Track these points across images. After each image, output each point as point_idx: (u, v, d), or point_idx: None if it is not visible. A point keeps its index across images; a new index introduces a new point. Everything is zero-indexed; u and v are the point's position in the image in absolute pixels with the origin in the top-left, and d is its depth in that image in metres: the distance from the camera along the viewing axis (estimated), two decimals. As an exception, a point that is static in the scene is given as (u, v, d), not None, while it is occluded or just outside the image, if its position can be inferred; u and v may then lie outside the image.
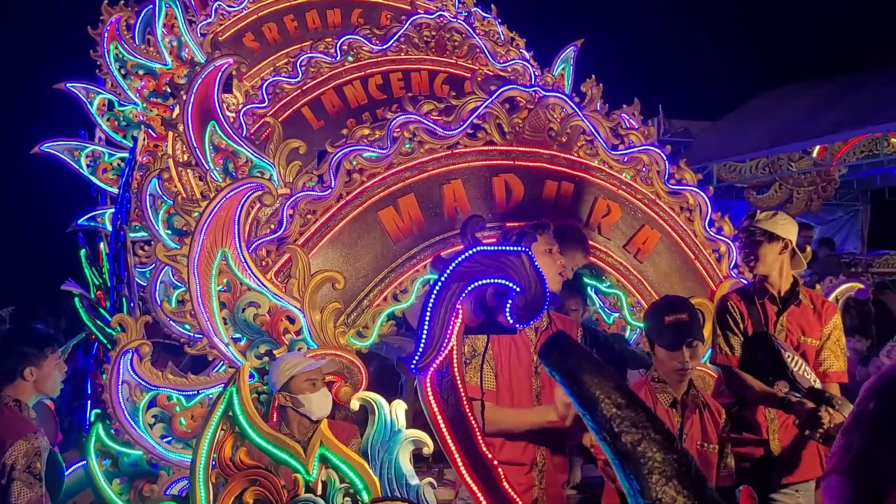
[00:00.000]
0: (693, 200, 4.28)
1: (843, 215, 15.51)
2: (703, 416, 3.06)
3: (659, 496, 0.81)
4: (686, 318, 2.96)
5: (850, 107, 11.07)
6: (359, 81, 5.73)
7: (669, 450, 0.82)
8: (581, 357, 0.86)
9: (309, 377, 3.19)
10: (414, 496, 2.12)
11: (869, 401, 1.90)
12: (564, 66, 6.46)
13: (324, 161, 3.93)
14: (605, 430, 0.83)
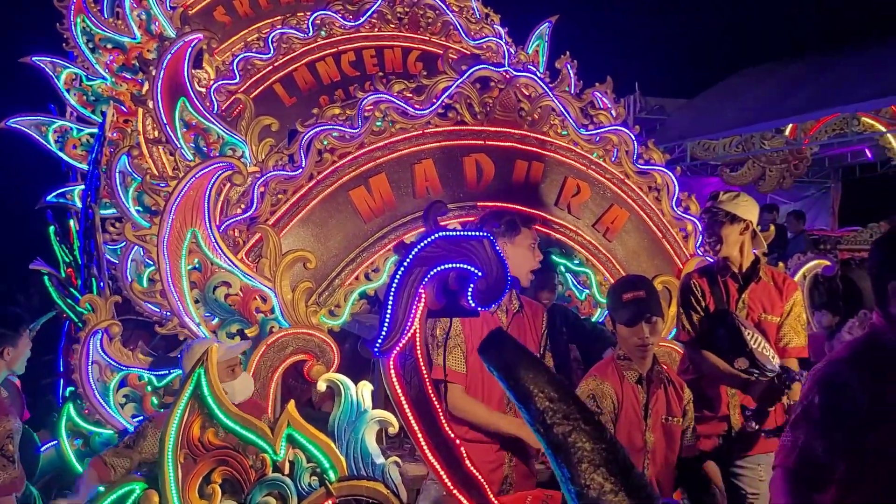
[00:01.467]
0: (661, 180, 4.33)
1: (814, 193, 15.73)
2: (668, 391, 3.14)
3: (587, 483, 0.85)
4: (643, 295, 3.03)
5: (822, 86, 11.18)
6: (332, 58, 5.68)
7: (598, 439, 0.86)
8: (517, 353, 0.90)
9: (228, 364, 3.20)
10: (379, 474, 2.17)
11: (814, 395, 1.96)
12: (539, 43, 6.45)
13: (294, 140, 3.92)
14: (538, 423, 0.87)
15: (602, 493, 0.85)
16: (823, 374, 2.00)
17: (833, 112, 11.16)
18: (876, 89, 10.05)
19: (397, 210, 3.92)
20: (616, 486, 0.85)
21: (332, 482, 2.15)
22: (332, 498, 2.14)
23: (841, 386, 1.94)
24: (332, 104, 4.25)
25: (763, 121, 11.76)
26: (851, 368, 1.97)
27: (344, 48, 5.70)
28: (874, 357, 1.98)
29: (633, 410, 3.02)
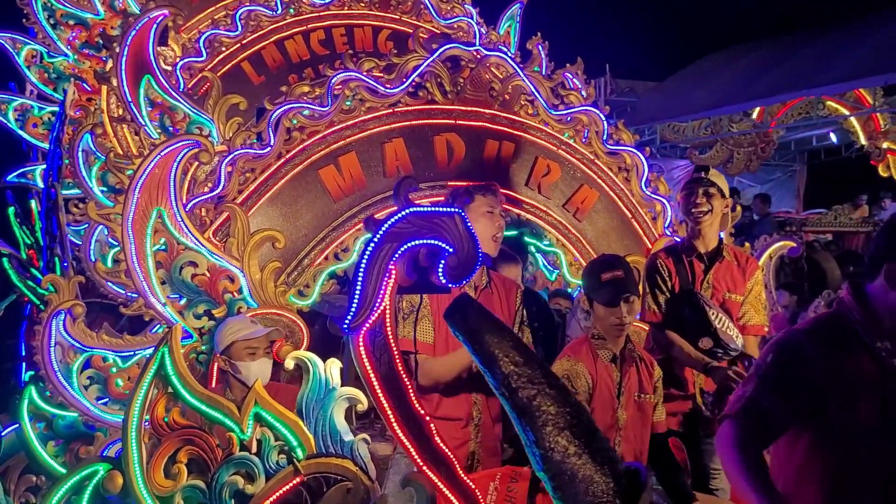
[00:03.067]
0: (630, 161, 4.35)
1: (780, 176, 15.97)
2: (640, 369, 3.17)
3: (552, 445, 0.86)
4: (622, 275, 3.04)
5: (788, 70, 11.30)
6: (300, 36, 5.61)
7: (563, 403, 0.86)
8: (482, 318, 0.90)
9: (249, 345, 3.17)
10: (348, 452, 2.16)
11: (768, 353, 2.02)
12: (510, 24, 6.42)
13: (263, 118, 3.87)
14: (503, 386, 0.87)
15: (566, 455, 0.85)
16: (781, 338, 2.06)
17: (799, 96, 11.31)
18: (840, 73, 10.19)
19: (367, 189, 3.89)
20: (580, 448, 0.85)
21: (300, 460, 2.13)
22: (301, 476, 2.13)
23: (795, 350, 2.00)
24: (301, 82, 4.19)
25: (731, 104, 11.88)
26: (809, 338, 2.02)
27: (313, 26, 5.63)
28: (836, 332, 2.02)
29: (607, 389, 3.05)
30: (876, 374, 1.96)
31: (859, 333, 1.99)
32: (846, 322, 2.02)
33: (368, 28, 5.77)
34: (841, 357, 1.97)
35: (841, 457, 1.96)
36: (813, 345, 1.99)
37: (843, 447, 1.96)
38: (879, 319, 1.98)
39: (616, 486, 0.86)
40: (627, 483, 0.87)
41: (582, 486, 0.85)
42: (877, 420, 1.94)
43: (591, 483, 0.85)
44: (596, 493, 0.85)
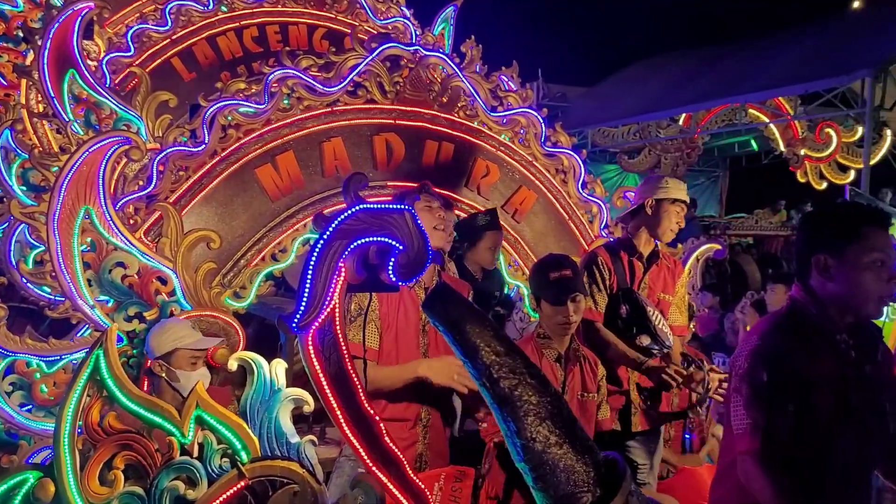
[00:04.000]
0: (568, 163, 4.41)
1: (704, 181, 16.53)
2: (583, 368, 3.19)
3: (533, 435, 0.85)
4: (570, 274, 3.06)
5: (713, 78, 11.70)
6: (233, 33, 5.49)
7: (544, 393, 0.86)
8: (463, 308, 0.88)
9: (194, 354, 3.07)
10: (294, 454, 2.10)
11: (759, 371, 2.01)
12: (445, 26, 6.42)
13: (197, 115, 3.75)
14: (484, 377, 0.85)
15: (547, 445, 0.84)
16: (762, 350, 2.06)
17: (722, 103, 11.71)
18: (761, 82, 10.60)
19: (305, 189, 3.83)
20: (561, 438, 0.84)
21: (244, 463, 2.06)
22: (245, 479, 2.06)
23: (782, 359, 2.01)
24: (236, 79, 4.08)
25: (658, 110, 12.21)
26: (784, 339, 2.05)
27: (246, 23, 5.52)
28: (798, 327, 2.07)
29: None
30: (836, 367, 2.02)
31: (817, 326, 2.05)
32: (804, 319, 2.08)
33: (303, 26, 5.70)
34: (805, 351, 2.03)
35: (803, 449, 2.00)
36: (789, 345, 2.02)
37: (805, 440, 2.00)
38: (830, 312, 2.05)
39: (596, 475, 0.85)
40: (607, 471, 0.86)
41: (563, 476, 0.84)
42: (838, 412, 1.99)
43: (573, 472, 0.84)
44: (577, 482, 0.84)
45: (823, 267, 2.05)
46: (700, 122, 12.77)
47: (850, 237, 2.02)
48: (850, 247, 2.01)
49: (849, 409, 2.00)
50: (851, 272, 2.01)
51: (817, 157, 12.42)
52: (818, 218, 2.20)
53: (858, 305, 2.04)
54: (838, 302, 2.05)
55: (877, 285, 2.00)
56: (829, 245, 2.06)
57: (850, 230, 2.03)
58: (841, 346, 2.03)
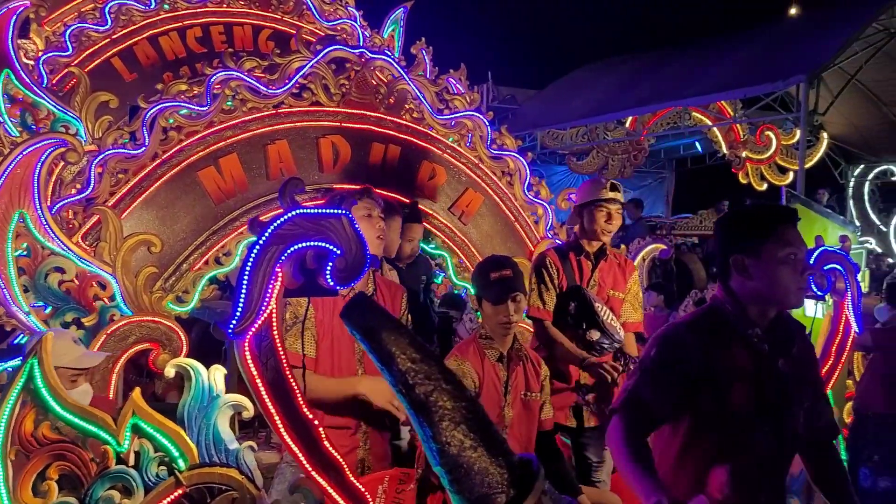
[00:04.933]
0: (513, 165, 4.46)
1: (651, 182, 16.85)
2: (526, 368, 3.22)
3: (448, 440, 0.87)
4: (510, 274, 3.10)
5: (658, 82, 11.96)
6: (176, 33, 5.40)
7: (459, 398, 0.88)
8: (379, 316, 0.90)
9: (74, 372, 2.94)
10: (234, 460, 2.09)
11: (651, 348, 2.13)
12: (394, 28, 6.43)
13: (136, 117, 3.70)
14: (401, 383, 0.87)
15: (462, 448, 0.87)
16: (663, 333, 2.17)
17: (667, 106, 11.97)
18: (703, 86, 10.87)
19: (250, 191, 3.80)
20: (475, 442, 0.87)
21: (181, 471, 2.05)
22: (182, 487, 2.04)
23: (676, 343, 2.12)
24: (177, 80, 4.03)
25: (605, 112, 12.42)
26: (689, 331, 2.14)
27: (190, 23, 5.44)
28: (712, 324, 2.16)
29: (494, 388, 3.09)
30: (749, 360, 2.11)
31: (733, 324, 2.14)
32: (721, 315, 2.17)
33: (248, 27, 5.64)
34: (718, 347, 2.11)
35: (717, 442, 2.09)
36: (693, 337, 2.12)
37: (719, 432, 2.09)
38: (747, 309, 2.14)
39: (510, 477, 0.88)
40: (521, 473, 0.89)
41: (478, 479, 0.86)
42: (751, 404, 2.08)
43: (487, 475, 0.86)
44: (491, 483, 0.86)
45: (742, 267, 2.13)
46: (646, 125, 13.02)
47: (764, 236, 2.11)
48: (765, 245, 2.09)
49: (764, 401, 2.09)
50: (769, 268, 2.09)
51: (758, 158, 12.77)
52: (732, 221, 2.29)
53: (780, 299, 2.13)
54: (760, 298, 2.13)
55: (793, 278, 2.09)
56: (744, 245, 2.14)
57: (763, 229, 2.12)
58: (753, 341, 2.13)
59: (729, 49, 11.67)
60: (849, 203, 16.64)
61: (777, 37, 11.81)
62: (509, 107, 14.28)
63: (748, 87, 10.31)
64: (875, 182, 16.92)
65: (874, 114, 14.99)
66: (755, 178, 13.03)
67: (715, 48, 12.12)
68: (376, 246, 3.18)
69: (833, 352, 3.48)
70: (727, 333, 2.14)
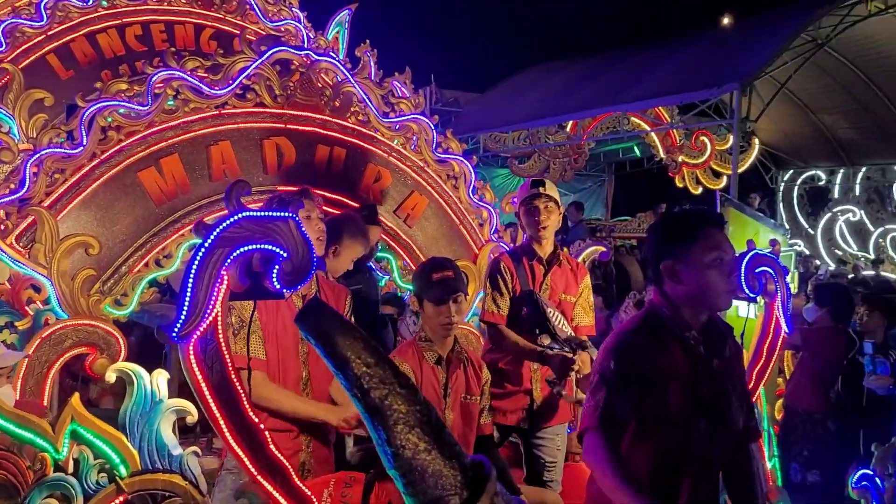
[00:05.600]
0: (458, 169, 4.49)
1: (592, 185, 17.16)
2: (467, 371, 3.24)
3: (403, 443, 0.89)
4: (451, 275, 3.12)
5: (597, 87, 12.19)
6: (115, 30, 5.27)
7: (413, 402, 0.90)
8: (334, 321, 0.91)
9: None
10: (177, 466, 2.07)
11: (609, 360, 2.16)
12: (339, 30, 6.40)
13: (74, 116, 3.60)
14: (355, 387, 0.89)
15: (416, 451, 0.89)
16: (615, 343, 2.21)
17: (607, 111, 12.20)
18: (642, 92, 11.13)
19: (192, 193, 3.74)
20: (429, 444, 0.89)
21: (123, 478, 2.01)
22: (124, 494, 2.01)
23: (630, 352, 2.16)
24: (117, 79, 3.94)
25: (546, 116, 12.60)
26: (637, 336, 2.19)
27: (129, 20, 5.31)
28: (653, 328, 2.21)
29: (433, 390, 3.10)
30: (686, 362, 2.18)
31: (669, 327, 2.20)
32: (658, 318, 2.23)
33: (190, 26, 5.54)
34: (658, 350, 2.17)
35: (658, 443, 2.15)
36: (640, 342, 2.17)
37: (660, 434, 2.14)
38: (682, 312, 2.21)
39: (463, 478, 0.90)
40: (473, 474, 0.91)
41: (431, 481, 0.88)
42: (689, 405, 2.15)
43: (441, 477, 0.88)
44: (445, 486, 0.88)
45: (672, 272, 2.20)
46: (586, 129, 13.25)
47: (690, 241, 2.17)
48: (692, 249, 2.16)
49: (700, 401, 2.16)
50: (696, 273, 2.16)
51: (694, 163, 13.12)
52: (660, 227, 2.36)
53: (709, 302, 2.21)
54: (691, 301, 2.21)
55: (721, 280, 2.16)
56: (673, 251, 2.21)
57: (689, 234, 2.19)
58: (690, 343, 2.20)
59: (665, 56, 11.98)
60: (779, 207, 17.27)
61: (711, 45, 12.17)
62: (452, 110, 14.35)
63: (684, 94, 10.60)
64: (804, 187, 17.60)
65: (803, 121, 15.60)
66: (691, 181, 13.38)
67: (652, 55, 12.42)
68: (316, 247, 3.19)
69: (764, 352, 3.60)
70: (665, 336, 2.20)
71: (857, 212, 16.69)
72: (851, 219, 16.77)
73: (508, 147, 13.88)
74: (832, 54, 13.08)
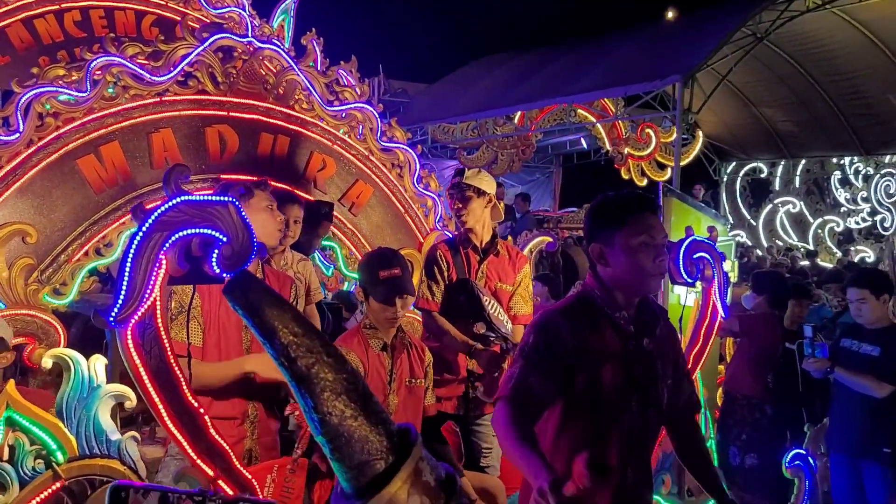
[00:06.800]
0: (403, 157, 4.52)
1: (539, 177, 17.33)
2: (411, 356, 3.29)
3: (329, 410, 0.92)
4: (399, 273, 3.13)
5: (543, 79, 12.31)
6: (53, 16, 5.16)
7: (340, 370, 0.93)
8: (261, 292, 0.94)
9: None
10: (115, 451, 2.06)
11: (529, 335, 2.22)
12: (284, 18, 6.34)
13: (9, 102, 3.52)
14: (283, 356, 0.92)
15: (343, 418, 0.92)
16: (538, 320, 2.27)
17: (553, 103, 12.34)
18: (587, 84, 11.29)
19: (133, 181, 3.70)
20: (356, 411, 0.92)
21: (59, 464, 2.00)
22: (61, 480, 2.00)
23: (552, 329, 2.20)
24: (55, 65, 3.85)
25: (493, 108, 12.68)
26: (562, 316, 2.24)
27: (68, 6, 5.21)
28: (582, 309, 2.27)
29: (379, 376, 3.14)
30: (617, 342, 2.24)
31: (601, 308, 2.26)
32: (590, 300, 2.29)
33: (131, 12, 5.45)
34: (589, 331, 2.23)
35: (590, 420, 2.21)
36: (566, 322, 2.21)
37: (591, 412, 2.20)
38: (614, 294, 2.26)
39: (389, 444, 0.93)
40: (399, 440, 0.95)
41: (358, 446, 0.91)
42: (620, 383, 2.21)
43: (367, 442, 0.92)
44: (371, 451, 0.92)
45: (600, 255, 2.25)
46: (534, 121, 13.37)
47: (615, 225, 2.20)
48: (617, 234, 2.20)
49: (631, 380, 2.23)
50: (622, 256, 2.19)
51: (639, 155, 13.35)
52: (590, 213, 2.37)
53: (637, 285, 2.25)
54: (620, 284, 2.25)
55: (647, 265, 2.19)
56: (600, 236, 2.25)
57: (614, 219, 2.22)
58: (620, 323, 2.26)
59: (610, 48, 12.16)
60: (722, 198, 17.72)
61: (655, 39, 12.39)
62: (401, 100, 14.34)
63: (628, 86, 10.79)
64: (746, 179, 18.09)
65: (745, 114, 16.03)
66: (636, 173, 13.61)
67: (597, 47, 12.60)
68: (275, 238, 3.19)
69: (701, 335, 3.72)
70: (597, 317, 2.25)
71: (796, 203, 17.24)
72: (791, 210, 17.33)
73: (457, 138, 13.93)
74: (772, 48, 13.47)
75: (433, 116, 13.64)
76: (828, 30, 12.96)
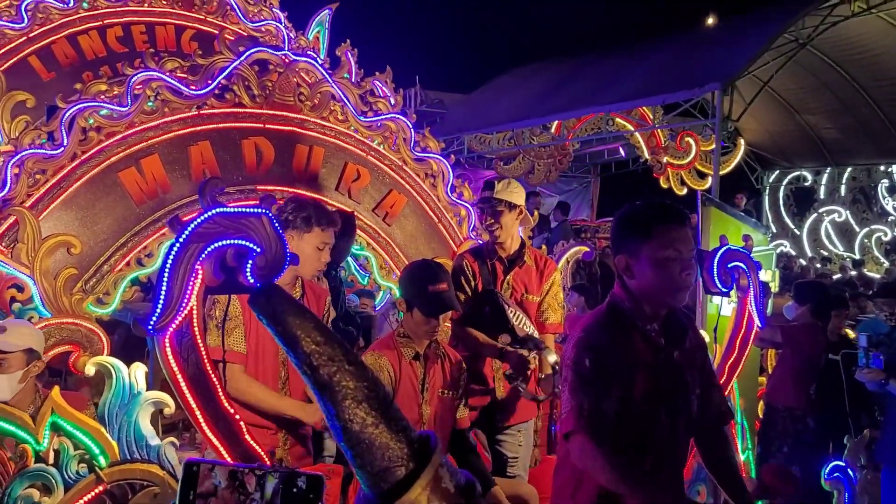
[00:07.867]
0: (437, 167, 4.55)
1: (577, 186, 17.23)
2: (444, 366, 3.29)
3: (350, 417, 0.95)
4: (446, 289, 3.14)
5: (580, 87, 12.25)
6: (96, 32, 5.31)
7: (361, 378, 0.95)
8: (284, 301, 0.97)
9: None
10: (154, 456, 2.11)
11: (582, 357, 2.16)
12: (320, 30, 6.44)
13: (54, 117, 3.65)
14: (305, 364, 0.94)
15: (364, 425, 0.94)
16: (583, 340, 2.20)
17: (590, 112, 12.26)
18: (625, 92, 11.20)
19: (172, 193, 3.79)
20: (377, 419, 0.94)
21: (102, 468, 2.06)
22: (104, 484, 2.06)
23: (602, 349, 2.14)
24: (97, 80, 3.98)
25: (530, 117, 12.65)
26: (602, 330, 2.21)
27: (110, 22, 5.35)
28: (614, 320, 2.25)
29: (411, 384, 3.16)
30: (648, 353, 2.22)
31: (631, 319, 2.23)
32: (620, 312, 2.26)
33: (171, 27, 5.58)
34: (624, 342, 2.20)
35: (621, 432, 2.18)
36: (610, 338, 2.18)
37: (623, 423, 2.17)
38: (642, 306, 2.24)
39: (409, 451, 0.95)
40: (420, 447, 0.97)
41: (379, 453, 0.94)
42: (650, 393, 2.18)
43: (388, 449, 0.94)
44: (391, 457, 0.94)
45: (625, 267, 2.21)
46: (571, 130, 13.31)
47: (641, 237, 2.15)
48: (644, 247, 2.15)
49: (660, 390, 2.21)
50: (648, 269, 2.15)
51: (678, 164, 13.18)
52: (616, 222, 2.32)
53: (663, 297, 2.20)
54: (647, 296, 2.21)
55: (673, 277, 2.14)
56: (626, 247, 2.21)
57: (640, 231, 2.17)
58: (651, 335, 2.23)
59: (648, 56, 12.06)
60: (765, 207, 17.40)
61: (693, 46, 12.25)
62: (437, 111, 14.40)
63: (666, 94, 10.67)
64: (789, 187, 17.74)
65: (788, 121, 15.72)
66: (676, 182, 13.45)
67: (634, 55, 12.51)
68: (311, 274, 3.22)
69: (737, 345, 3.68)
70: (627, 328, 2.23)
71: (842, 212, 16.85)
72: (837, 219, 16.94)
73: (493, 148, 13.94)
74: (815, 53, 13.20)
75: (470, 126, 13.67)
76: (872, 34, 12.66)
